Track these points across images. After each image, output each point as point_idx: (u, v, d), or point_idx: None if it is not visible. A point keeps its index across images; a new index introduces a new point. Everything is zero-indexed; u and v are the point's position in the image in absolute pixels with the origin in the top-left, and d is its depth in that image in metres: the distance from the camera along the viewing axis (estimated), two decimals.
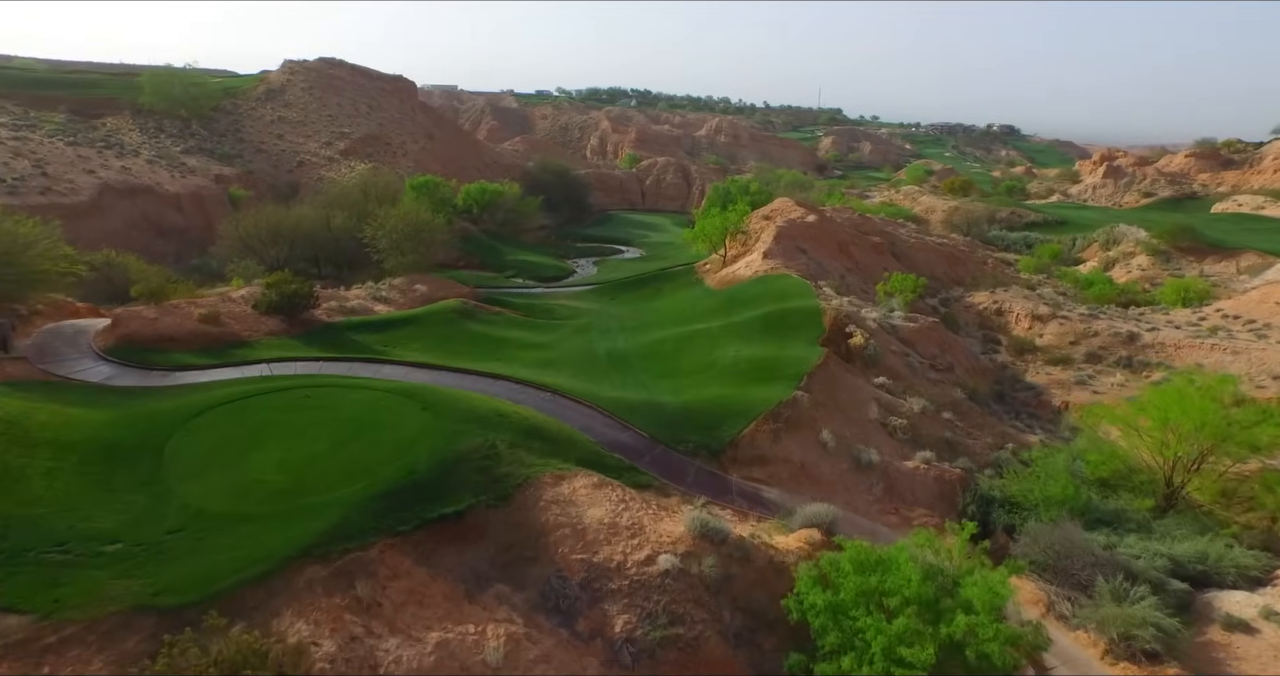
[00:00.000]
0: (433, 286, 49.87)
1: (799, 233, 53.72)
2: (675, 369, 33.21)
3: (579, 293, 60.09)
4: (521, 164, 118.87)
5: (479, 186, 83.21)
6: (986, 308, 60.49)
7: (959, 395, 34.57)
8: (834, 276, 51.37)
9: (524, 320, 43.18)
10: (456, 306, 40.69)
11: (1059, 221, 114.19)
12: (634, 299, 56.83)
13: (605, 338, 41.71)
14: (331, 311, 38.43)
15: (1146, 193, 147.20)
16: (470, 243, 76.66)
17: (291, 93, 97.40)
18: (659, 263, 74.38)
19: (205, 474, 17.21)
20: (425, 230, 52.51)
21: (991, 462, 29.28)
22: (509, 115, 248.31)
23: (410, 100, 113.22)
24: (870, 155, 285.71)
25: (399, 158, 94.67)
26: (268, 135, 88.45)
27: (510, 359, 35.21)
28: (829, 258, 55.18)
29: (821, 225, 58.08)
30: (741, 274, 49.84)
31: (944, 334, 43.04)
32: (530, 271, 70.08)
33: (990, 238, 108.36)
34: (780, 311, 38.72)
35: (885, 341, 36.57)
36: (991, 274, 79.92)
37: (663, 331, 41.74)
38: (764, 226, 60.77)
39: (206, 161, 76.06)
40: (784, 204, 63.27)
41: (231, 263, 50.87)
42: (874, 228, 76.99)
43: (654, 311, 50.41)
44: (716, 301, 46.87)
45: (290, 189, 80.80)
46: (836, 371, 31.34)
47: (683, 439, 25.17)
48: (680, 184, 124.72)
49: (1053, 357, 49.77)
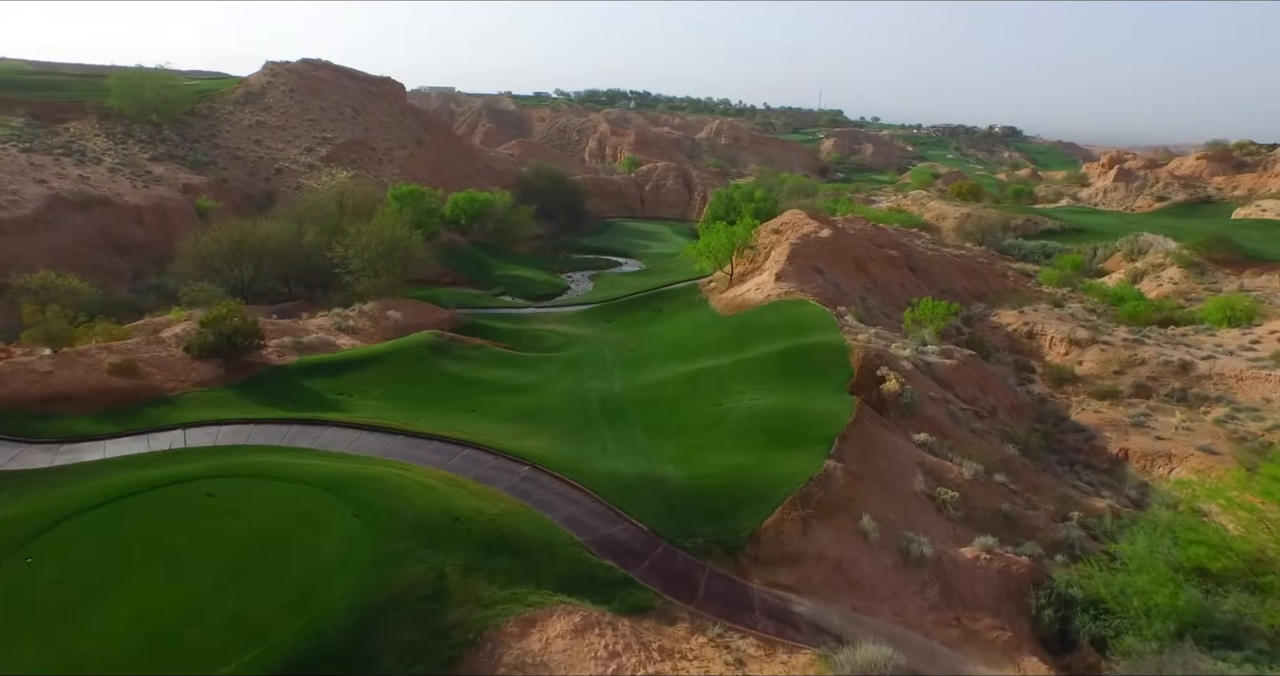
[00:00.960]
0: (408, 312, 44.85)
1: (814, 250, 48.75)
2: (679, 423, 28.18)
3: (571, 314, 55.10)
4: (516, 169, 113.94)
5: (467, 195, 78.23)
6: (1016, 329, 55.55)
7: (1011, 451, 29.56)
8: (853, 299, 46.38)
9: (506, 354, 38.15)
10: (428, 341, 35.66)
11: (1077, 229, 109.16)
12: (632, 322, 51.84)
13: (599, 374, 36.71)
14: (284, 350, 33.41)
15: (1159, 197, 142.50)
16: (457, 256, 71.67)
17: (272, 95, 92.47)
18: (659, 277, 69.40)
19: (17, 641, 12.23)
20: (401, 248, 47.51)
21: (1061, 543, 24.29)
22: (506, 117, 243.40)
23: (399, 103, 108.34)
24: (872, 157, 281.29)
25: (384, 164, 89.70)
26: (245, 141, 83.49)
27: (486, 408, 30.19)
28: (846, 277, 50.19)
29: (837, 240, 53.13)
30: (752, 297, 44.84)
31: (983, 370, 38.07)
32: (520, 288, 65.12)
33: (1006, 246, 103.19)
34: (800, 348, 33.72)
35: (922, 384, 31.58)
36: (1013, 288, 75.04)
37: (664, 368, 36.71)
38: (774, 241, 55.81)
39: (175, 169, 71.03)
40: (795, 217, 58.30)
41: (186, 285, 45.84)
42: (889, 239, 72.12)
43: (654, 339, 45.43)
44: (724, 330, 41.86)
45: (266, 198, 75.81)
46: (872, 430, 26.34)
47: (691, 532, 20.17)
48: (681, 190, 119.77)
49: (1096, 390, 44.78)
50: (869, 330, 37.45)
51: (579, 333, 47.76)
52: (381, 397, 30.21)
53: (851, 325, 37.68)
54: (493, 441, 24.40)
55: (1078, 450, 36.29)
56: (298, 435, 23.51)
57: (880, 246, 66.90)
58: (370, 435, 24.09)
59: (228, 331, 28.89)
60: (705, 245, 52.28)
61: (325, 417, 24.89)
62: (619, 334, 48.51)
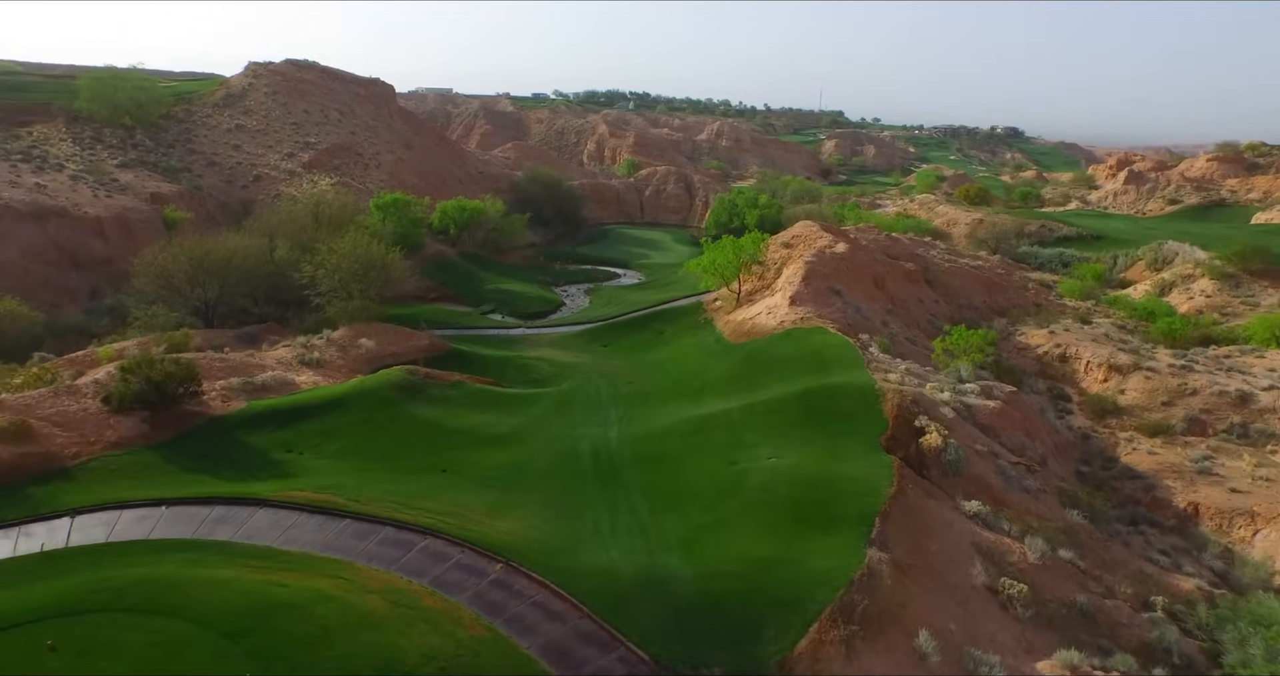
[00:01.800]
0: (383, 339, 40.50)
1: (830, 269, 44.41)
2: (685, 489, 23.84)
3: (565, 336, 50.73)
4: (511, 174, 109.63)
5: (456, 204, 73.86)
6: (1047, 352, 51.20)
7: (1075, 518, 25.19)
8: (875, 324, 42.03)
9: (488, 393, 33.74)
10: (398, 380, 31.29)
11: (1094, 235, 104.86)
12: (631, 346, 47.48)
13: (593, 416, 32.36)
14: (230, 393, 29.03)
15: (1171, 199, 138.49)
16: (444, 269, 67.29)
17: (253, 98, 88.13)
18: (660, 291, 65.04)
19: None
20: (377, 268, 43.15)
21: (1155, 647, 19.94)
22: (503, 119, 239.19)
23: (388, 106, 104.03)
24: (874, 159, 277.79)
25: (370, 170, 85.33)
26: (222, 146, 79.14)
27: (460, 466, 25.83)
28: (865, 298, 45.85)
29: (853, 256, 48.80)
30: (763, 323, 40.48)
31: (1027, 410, 33.73)
32: (511, 304, 60.72)
33: (1021, 254, 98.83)
34: (823, 391, 29.35)
35: (965, 435, 27.25)
36: (1035, 301, 70.77)
37: (666, 409, 32.34)
38: (785, 257, 51.51)
39: (145, 177, 66.67)
40: (807, 229, 53.97)
41: (138, 308, 41.49)
42: (904, 251, 67.85)
43: (655, 368, 41.07)
44: (734, 361, 37.49)
45: (243, 207, 71.42)
46: (918, 503, 22.01)
47: (704, 659, 15.84)
48: (682, 195, 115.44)
49: (1145, 424, 40.44)
50: (899, 365, 33.09)
51: (572, 360, 43.39)
52: (338, 454, 25.87)
53: (878, 360, 33.33)
54: (461, 525, 20.04)
55: (1135, 501, 31.92)
56: (220, 521, 19.16)
57: (895, 258, 62.66)
58: (311, 518, 19.73)
59: (156, 378, 24.54)
60: (711, 262, 47.94)
61: (258, 494, 20.47)
62: (616, 361, 44.15)
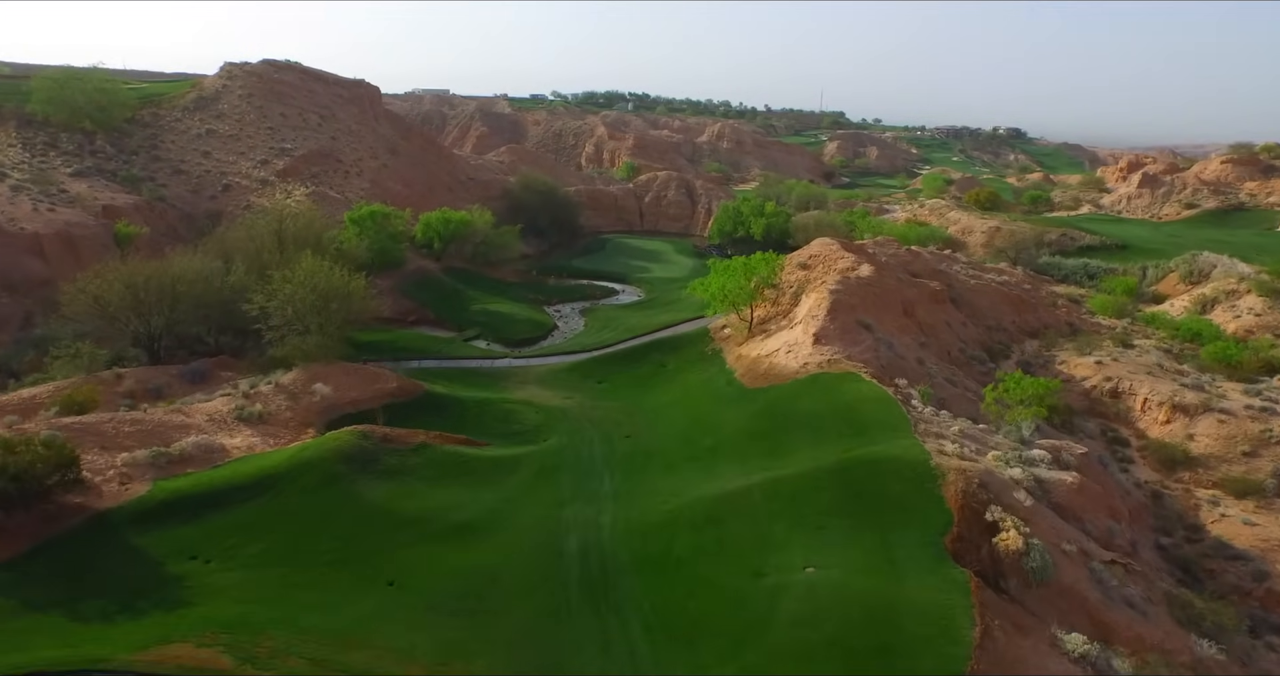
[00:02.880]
0: (343, 383, 34.90)
1: (857, 298, 38.83)
2: (698, 618, 18.31)
3: (555, 369, 45.16)
4: (504, 179, 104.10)
5: (441, 215, 68.24)
6: (1096, 385, 45.64)
7: (1205, 649, 19.55)
8: (910, 362, 36.49)
9: (459, 456, 28.16)
10: (348, 447, 25.73)
11: (1118, 245, 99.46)
12: (629, 384, 41.92)
13: (583, 489, 26.82)
14: (133, 470, 23.45)
15: (1188, 203, 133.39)
16: (427, 288, 61.71)
17: (226, 101, 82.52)
18: (661, 311, 59.56)
19: None
20: (338, 299, 37.55)
21: None
22: (500, 121, 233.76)
23: (373, 109, 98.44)
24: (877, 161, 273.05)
25: (351, 178, 79.72)
26: (191, 152, 73.57)
27: (413, 574, 20.28)
28: (896, 330, 40.30)
29: (880, 281, 43.25)
30: (783, 364, 34.87)
31: (1106, 482, 28.11)
32: (498, 328, 55.11)
33: (1042, 265, 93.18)
34: (866, 464, 23.81)
35: (1046, 528, 21.69)
36: (1067, 321, 65.29)
37: (672, 483, 26.76)
38: (802, 279, 45.99)
39: (101, 187, 61.08)
40: (825, 248, 48.40)
41: (56, 347, 35.87)
42: (926, 267, 62.33)
43: (658, 416, 35.49)
44: (750, 412, 31.90)
45: (210, 219, 65.84)
46: (1010, 650, 16.46)
47: None
48: (684, 202, 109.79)
49: (1226, 480, 34.93)
50: (949, 424, 27.55)
51: (562, 403, 37.81)
52: (257, 561, 20.31)
53: (925, 418, 27.78)
54: None
55: (1243, 589, 26.42)
56: None
57: (917, 276, 57.19)
58: None
59: (16, 468, 18.99)
60: (720, 287, 42.34)
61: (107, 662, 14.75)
62: (612, 402, 38.59)
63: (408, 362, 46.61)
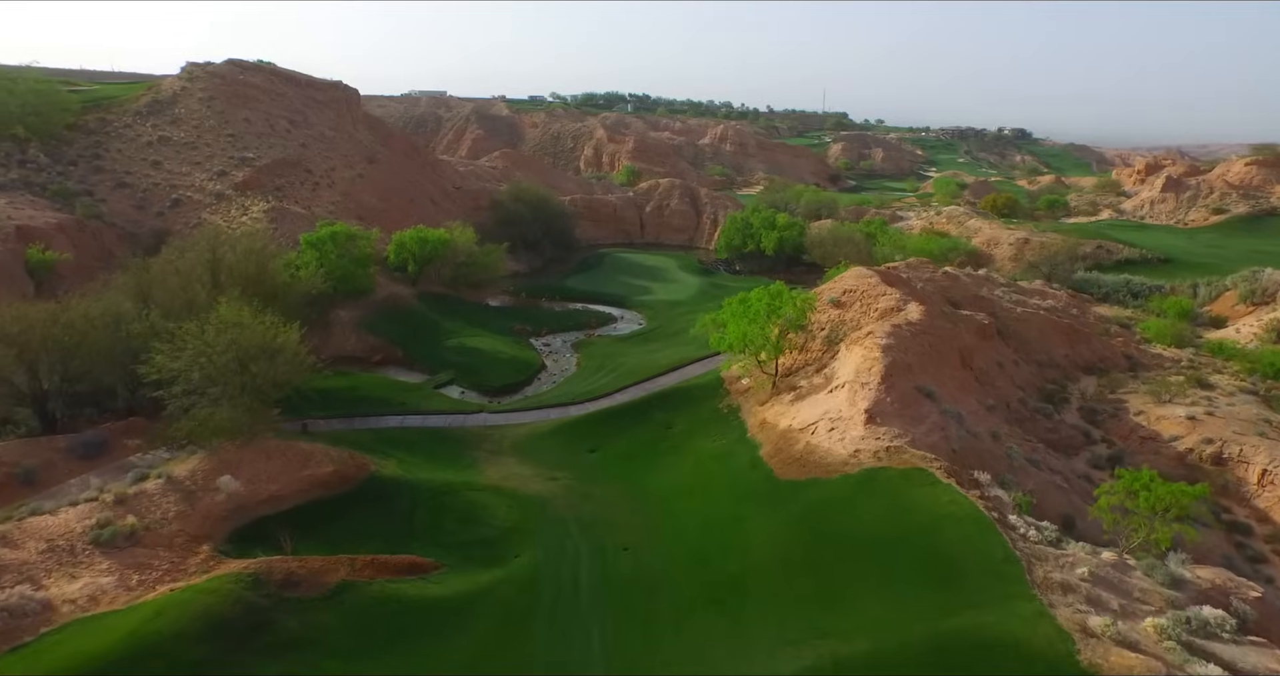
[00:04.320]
0: (259, 472, 27.04)
1: (912, 354, 30.92)
2: None
3: (539, 432, 37.33)
4: (495, 188, 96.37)
5: (416, 235, 60.37)
6: (1193, 450, 37.70)
7: None
8: (984, 439, 28.64)
9: (389, 604, 20.31)
10: (227, 606, 17.93)
11: (1161, 258, 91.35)
12: (626, 456, 34.12)
13: (561, 658, 18.99)
14: None
15: (1216, 209, 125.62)
16: (397, 320, 53.90)
17: (184, 105, 74.78)
18: (664, 345, 51.87)
19: None
20: (263, 358, 29.64)
21: None
22: (497, 123, 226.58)
23: (351, 112, 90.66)
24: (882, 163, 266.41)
25: (321, 190, 71.92)
26: (139, 162, 65.88)
27: None
28: (957, 389, 32.51)
29: (931, 325, 35.38)
30: (825, 447, 26.98)
31: None
32: (476, 371, 47.23)
33: (1079, 281, 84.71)
34: (972, 648, 15.99)
35: None
36: (1124, 353, 57.40)
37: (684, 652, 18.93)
38: (836, 320, 38.21)
39: (22, 203, 53.30)
40: (863, 282, 40.49)
41: None
42: (967, 293, 54.59)
43: (664, 510, 27.68)
44: (786, 520, 24.04)
45: (155, 239, 58.05)
46: None
47: None
48: (688, 212, 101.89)
49: None
50: (1071, 562, 19.67)
51: (543, 489, 29.97)
52: None
53: (1038, 553, 19.89)
54: None
55: None
56: None
57: (958, 305, 49.51)
58: None
59: None
60: (739, 336, 34.41)
61: None
62: (606, 486, 30.79)
63: (363, 421, 38.89)
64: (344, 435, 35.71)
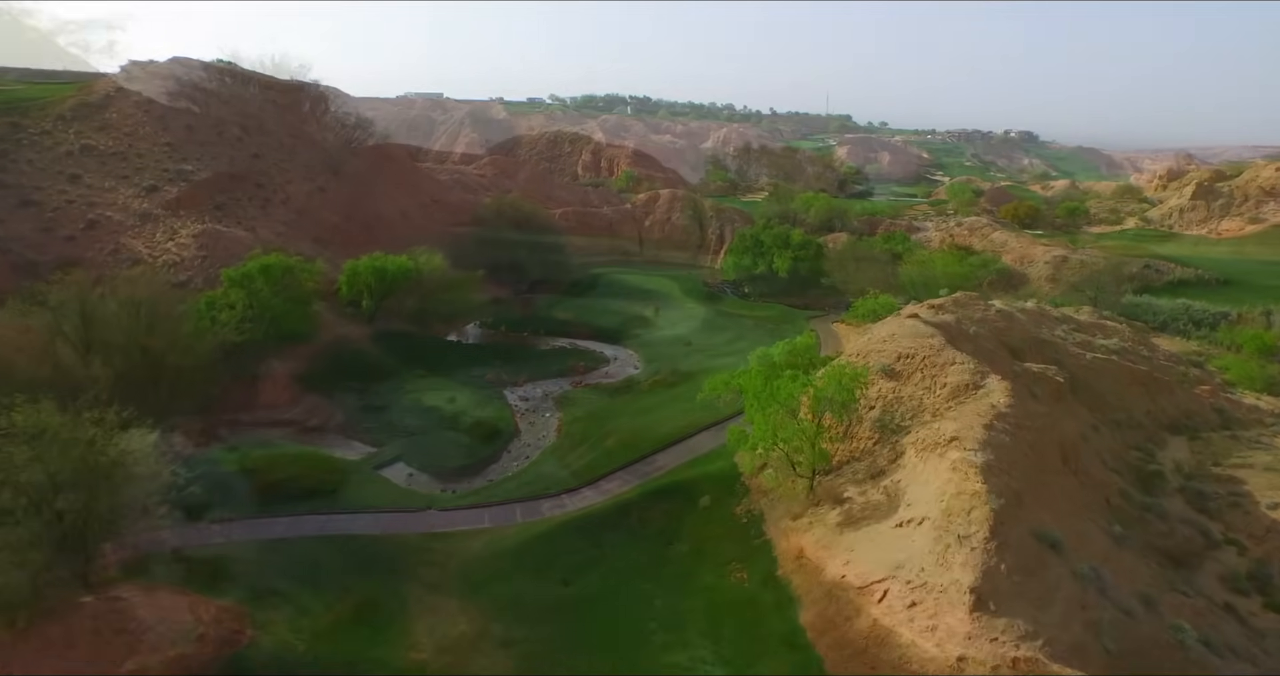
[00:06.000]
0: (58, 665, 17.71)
1: (1016, 473, 21.55)
2: None
3: (499, 547, 27.96)
4: (480, 199, 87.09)
5: (371, 264, 50.86)
6: None
7: None
8: (1137, 617, 19.33)
9: None
10: None
11: (1220, 280, 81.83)
12: (609, 598, 25.06)
13: None
14: None
15: (1254, 218, 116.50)
16: (343, 371, 44.52)
17: (117, 109, 65.68)
18: (665, 400, 42.67)
19: None
20: (84, 487, 20.24)
21: None
22: (493, 126, 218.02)
23: (316, 118, 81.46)
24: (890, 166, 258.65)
25: (272, 207, 62.72)
26: (53, 176, 56.81)
27: None
28: (1070, 513, 23.22)
29: (1026, 412, 26.01)
30: (908, 640, 17.76)
31: None
32: (431, 446, 37.74)
33: (1128, 307, 74.77)
34: None
35: None
36: (1213, 406, 48.01)
37: None
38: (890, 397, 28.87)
39: None
40: (922, 343, 30.99)
41: None
42: (1025, 335, 45.23)
43: None
44: None
45: (62, 270, 48.70)
46: None
47: None
48: (690, 226, 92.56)
49: None
50: None
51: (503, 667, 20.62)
52: None
53: None
54: None
55: None
56: None
57: (1017, 354, 40.30)
58: None
59: None
60: (768, 433, 24.93)
61: None
62: (580, 659, 21.45)
63: (269, 524, 29.54)
64: (234, 556, 26.43)
